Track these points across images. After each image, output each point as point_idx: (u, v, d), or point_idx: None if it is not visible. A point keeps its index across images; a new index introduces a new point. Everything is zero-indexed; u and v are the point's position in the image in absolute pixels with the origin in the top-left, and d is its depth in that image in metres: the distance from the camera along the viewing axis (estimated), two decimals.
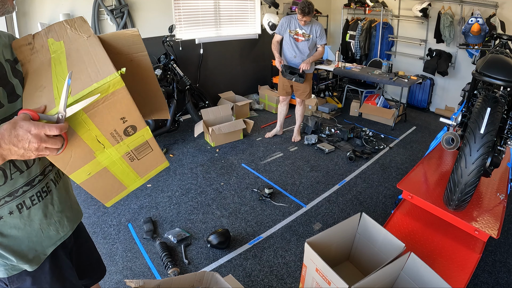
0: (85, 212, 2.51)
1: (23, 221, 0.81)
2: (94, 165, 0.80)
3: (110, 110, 0.73)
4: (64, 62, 0.75)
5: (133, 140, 0.83)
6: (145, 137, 0.86)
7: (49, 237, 0.88)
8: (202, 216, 2.48)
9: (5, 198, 0.76)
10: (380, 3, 5.10)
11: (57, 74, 0.73)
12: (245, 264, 2.04)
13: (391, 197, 2.75)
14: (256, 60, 5.19)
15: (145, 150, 0.89)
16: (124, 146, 0.82)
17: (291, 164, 3.29)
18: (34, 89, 0.73)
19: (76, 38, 0.80)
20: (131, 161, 0.87)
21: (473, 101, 2.21)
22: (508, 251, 2.13)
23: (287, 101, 3.74)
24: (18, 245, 0.81)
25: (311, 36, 3.29)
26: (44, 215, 0.85)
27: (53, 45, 0.79)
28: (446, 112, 4.81)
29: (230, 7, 4.67)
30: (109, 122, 0.75)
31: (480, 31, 3.91)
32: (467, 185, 1.55)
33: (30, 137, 0.62)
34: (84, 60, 0.73)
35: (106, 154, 0.80)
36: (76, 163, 0.76)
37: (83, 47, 0.77)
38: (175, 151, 3.55)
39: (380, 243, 1.64)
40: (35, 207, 0.83)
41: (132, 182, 0.92)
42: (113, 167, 0.84)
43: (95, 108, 0.70)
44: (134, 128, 0.81)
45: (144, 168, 0.93)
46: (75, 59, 0.74)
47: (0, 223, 0.77)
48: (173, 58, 3.69)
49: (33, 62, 0.78)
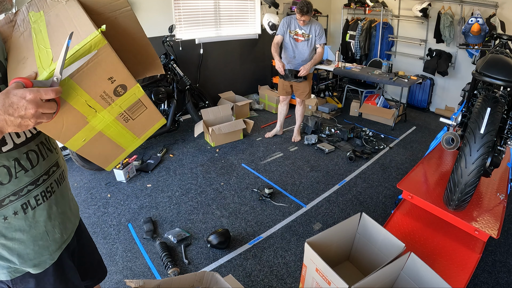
0: (85, 212, 2.51)
1: (28, 223, 0.79)
2: (88, 131, 0.77)
3: (96, 71, 0.70)
4: (44, 30, 0.72)
5: (124, 100, 0.80)
6: (137, 95, 0.82)
7: (55, 241, 0.86)
8: (202, 216, 2.48)
9: (9, 197, 0.74)
10: (380, 3, 5.10)
11: (38, 43, 0.70)
12: (245, 264, 2.04)
13: (391, 197, 2.75)
14: (256, 60, 5.19)
15: (139, 109, 0.85)
16: (116, 107, 0.79)
17: (291, 164, 3.29)
18: (16, 63, 0.70)
19: (55, 4, 0.77)
20: (126, 122, 0.84)
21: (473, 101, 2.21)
22: (508, 251, 2.13)
23: (287, 101, 3.74)
24: (24, 248, 0.79)
25: (310, 36, 3.29)
26: (48, 216, 0.84)
27: (34, 16, 0.76)
28: (446, 112, 4.81)
29: (230, 7, 4.67)
30: (97, 84, 0.72)
31: (480, 31, 3.90)
32: (467, 185, 1.55)
33: (26, 103, 0.59)
34: (64, 24, 0.71)
35: (99, 118, 0.78)
36: (69, 131, 0.74)
37: (62, 12, 0.75)
38: (175, 151, 3.55)
39: (380, 243, 1.64)
40: (39, 208, 0.81)
41: (130, 143, 0.90)
42: (108, 130, 0.81)
43: (79, 71, 0.68)
44: (124, 87, 0.78)
45: (140, 128, 0.89)
46: (55, 25, 0.72)
47: (5, 225, 0.75)
48: (173, 58, 3.69)
49: (14, 37, 0.75)
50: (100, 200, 2.67)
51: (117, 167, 2.94)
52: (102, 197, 2.71)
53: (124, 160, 3.02)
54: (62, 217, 0.89)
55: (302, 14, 3.13)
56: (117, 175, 2.96)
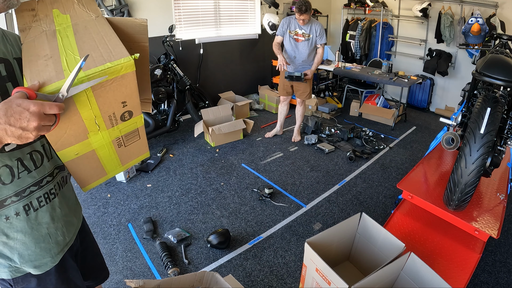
0: (85, 212, 2.51)
1: (30, 225, 0.78)
2: (84, 146, 0.77)
3: (115, 92, 0.72)
4: (72, 37, 0.72)
5: (126, 125, 0.82)
6: (137, 124, 0.85)
7: (57, 243, 0.85)
8: (202, 216, 2.48)
9: (11, 198, 0.73)
10: (380, 3, 5.10)
11: (65, 47, 0.70)
12: (245, 264, 2.04)
13: (391, 197, 2.74)
14: (256, 60, 5.19)
15: (133, 138, 0.88)
16: (117, 130, 0.81)
17: (291, 164, 3.29)
18: (36, 57, 0.68)
19: (84, 16, 0.77)
20: (119, 147, 0.86)
21: (473, 101, 2.21)
22: (508, 251, 2.13)
23: (287, 101, 3.74)
24: (25, 249, 0.78)
25: (311, 36, 3.28)
26: (51, 219, 0.83)
27: (59, 17, 0.75)
28: (446, 112, 4.81)
29: (230, 7, 4.67)
30: (111, 104, 0.74)
31: (480, 31, 3.90)
32: (467, 185, 1.55)
33: (29, 115, 0.57)
34: (94, 39, 0.72)
35: (98, 137, 0.78)
36: (67, 141, 0.73)
37: (92, 26, 0.75)
38: (175, 151, 3.55)
39: (380, 243, 1.64)
40: (42, 209, 0.80)
41: (113, 169, 0.90)
42: (101, 151, 0.82)
43: (102, 87, 0.69)
44: (130, 114, 0.80)
45: (127, 156, 0.91)
46: (84, 36, 0.72)
47: (7, 225, 0.74)
48: (173, 58, 3.69)
49: (34, 29, 0.74)
50: (100, 200, 2.67)
51: None
52: (102, 197, 2.71)
53: None
54: (65, 219, 0.88)
55: (301, 13, 3.13)
56: (117, 175, 2.96)
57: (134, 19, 0.86)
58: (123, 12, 3.49)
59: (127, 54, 0.68)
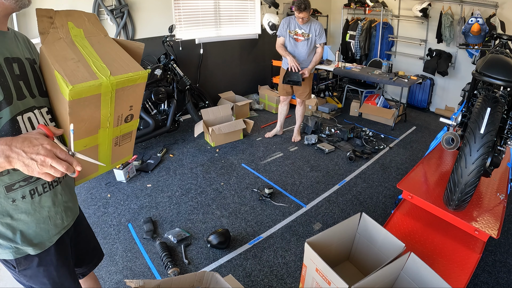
0: (85, 212, 2.51)
1: (34, 207, 0.85)
2: (93, 139, 0.84)
3: (129, 97, 0.83)
4: (90, 48, 0.81)
5: (126, 127, 0.92)
6: (133, 127, 0.95)
7: (55, 225, 0.93)
8: (202, 216, 2.48)
9: (20, 183, 0.80)
10: (380, 3, 5.10)
11: (88, 55, 0.78)
12: (245, 264, 2.04)
13: (391, 197, 2.74)
14: (256, 60, 5.19)
15: (127, 139, 0.97)
16: (118, 130, 0.90)
17: (291, 164, 3.29)
18: (63, 58, 0.75)
19: (94, 33, 0.87)
20: (115, 145, 0.93)
21: (473, 101, 2.21)
22: (508, 251, 2.13)
23: (287, 101, 3.74)
24: (26, 229, 0.85)
25: (310, 36, 3.28)
26: (53, 203, 0.90)
27: (73, 29, 0.83)
28: (446, 112, 4.81)
29: (230, 7, 4.67)
30: (123, 105, 0.84)
31: (480, 31, 3.90)
32: (467, 185, 1.55)
33: (41, 149, 0.64)
34: (110, 53, 0.82)
35: (105, 133, 0.86)
36: (84, 132, 0.80)
37: (105, 42, 0.85)
38: (175, 151, 3.55)
39: (380, 243, 1.64)
40: (45, 195, 0.87)
41: (103, 167, 0.97)
42: (102, 146, 0.89)
43: (123, 91, 0.79)
44: (131, 117, 0.90)
45: (117, 155, 0.99)
46: (101, 49, 0.82)
47: (13, 207, 0.81)
48: (173, 58, 3.69)
49: (52, 35, 0.80)
50: (100, 200, 2.67)
51: (117, 167, 2.94)
52: (102, 197, 2.71)
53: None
54: (65, 205, 0.96)
55: (300, 11, 3.12)
56: (117, 175, 2.96)
57: (133, 42, 0.95)
58: (123, 12, 3.49)
59: (141, 68, 0.81)
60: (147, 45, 3.99)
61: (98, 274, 1.94)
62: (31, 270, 0.90)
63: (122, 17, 3.52)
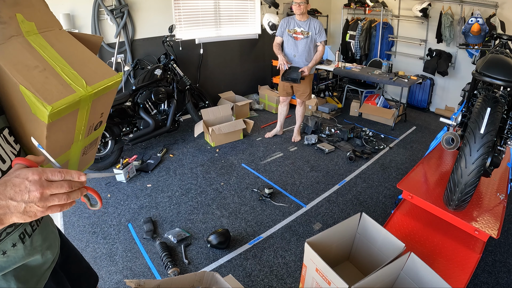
0: (85, 212, 2.52)
1: (27, 251, 0.72)
2: (64, 157, 0.73)
3: (102, 104, 0.74)
4: (50, 48, 0.66)
5: (94, 134, 0.81)
6: (100, 132, 0.85)
7: (46, 261, 0.80)
8: (202, 216, 2.48)
9: (6, 230, 0.65)
10: (380, 3, 5.10)
11: (53, 60, 0.64)
12: (245, 264, 2.04)
13: (391, 197, 2.74)
14: (256, 60, 5.19)
15: (92, 146, 0.86)
16: (87, 140, 0.79)
17: (291, 164, 3.29)
18: (24, 66, 0.60)
19: (48, 26, 0.71)
20: (82, 155, 0.83)
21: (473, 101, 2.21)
22: (508, 251, 2.13)
23: (287, 102, 3.74)
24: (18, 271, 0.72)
25: (310, 34, 3.28)
26: (43, 239, 0.77)
27: (24, 23, 0.66)
28: (446, 112, 4.81)
29: (230, 7, 4.67)
30: (95, 114, 0.74)
31: (480, 31, 3.90)
32: (467, 185, 1.55)
33: (29, 184, 0.50)
34: (75, 55, 0.69)
35: (76, 146, 0.75)
36: (58, 151, 0.69)
37: (63, 40, 0.71)
38: (175, 151, 3.55)
39: (380, 243, 1.64)
40: (35, 233, 0.75)
41: None
42: (71, 161, 0.78)
43: (99, 100, 0.69)
44: (100, 124, 0.80)
45: (83, 164, 0.88)
46: (63, 51, 0.68)
47: (3, 259, 0.66)
48: (173, 58, 3.69)
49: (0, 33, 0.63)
50: None
51: (117, 167, 2.94)
52: (102, 197, 2.70)
53: (124, 160, 3.02)
54: (52, 236, 0.85)
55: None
56: (117, 175, 2.96)
57: (92, 35, 0.82)
58: (123, 12, 3.49)
59: (114, 71, 0.71)
60: (147, 45, 4.02)
61: (98, 274, 1.94)
62: None
63: (122, 17, 3.52)
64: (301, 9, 3.21)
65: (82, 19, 3.36)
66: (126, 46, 3.68)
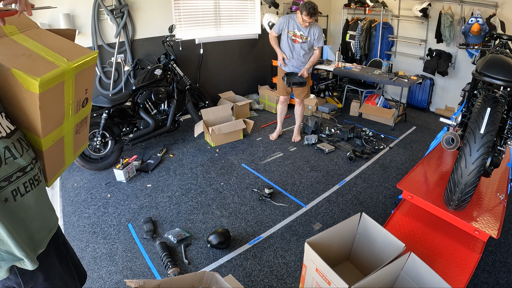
0: (85, 212, 2.52)
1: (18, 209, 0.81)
2: (58, 132, 0.81)
3: (85, 80, 0.83)
4: (32, 41, 0.78)
5: (82, 112, 0.90)
6: (88, 111, 0.94)
7: (44, 225, 0.89)
8: (202, 216, 2.48)
9: (0, 183, 0.75)
10: (380, 3, 5.10)
11: (36, 48, 0.76)
12: (245, 264, 2.04)
13: (391, 197, 2.74)
14: (256, 60, 5.19)
15: (83, 125, 0.95)
16: (77, 116, 0.88)
17: (291, 164, 3.29)
18: (13, 55, 0.72)
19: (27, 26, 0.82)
20: (75, 133, 0.91)
21: (473, 101, 2.21)
22: (508, 251, 2.13)
23: (286, 101, 3.74)
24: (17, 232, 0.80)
25: (309, 39, 3.28)
26: (36, 203, 0.85)
27: (6, 26, 0.77)
28: (446, 112, 4.81)
29: (230, 7, 4.67)
30: (81, 90, 0.83)
31: (480, 31, 3.90)
32: (467, 185, 1.55)
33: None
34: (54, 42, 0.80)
35: (68, 122, 0.83)
36: (51, 125, 0.78)
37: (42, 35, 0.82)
38: (175, 151, 3.55)
39: (380, 243, 1.64)
40: (28, 194, 0.82)
41: (68, 159, 0.94)
42: (66, 138, 0.86)
43: (81, 74, 0.79)
44: (86, 101, 0.89)
45: (78, 144, 0.96)
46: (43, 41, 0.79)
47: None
48: (173, 58, 3.69)
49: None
50: (100, 200, 2.67)
51: (117, 167, 2.94)
52: (102, 197, 2.71)
53: (124, 160, 3.01)
54: (50, 205, 0.93)
55: (311, 16, 3.09)
56: (117, 175, 2.96)
57: (66, 29, 0.94)
58: (123, 12, 3.49)
59: (90, 50, 0.82)
60: (147, 45, 4.02)
61: (98, 274, 1.94)
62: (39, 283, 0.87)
63: (122, 17, 3.51)
64: (308, 24, 3.22)
65: (82, 19, 3.36)
66: (126, 46, 3.68)
